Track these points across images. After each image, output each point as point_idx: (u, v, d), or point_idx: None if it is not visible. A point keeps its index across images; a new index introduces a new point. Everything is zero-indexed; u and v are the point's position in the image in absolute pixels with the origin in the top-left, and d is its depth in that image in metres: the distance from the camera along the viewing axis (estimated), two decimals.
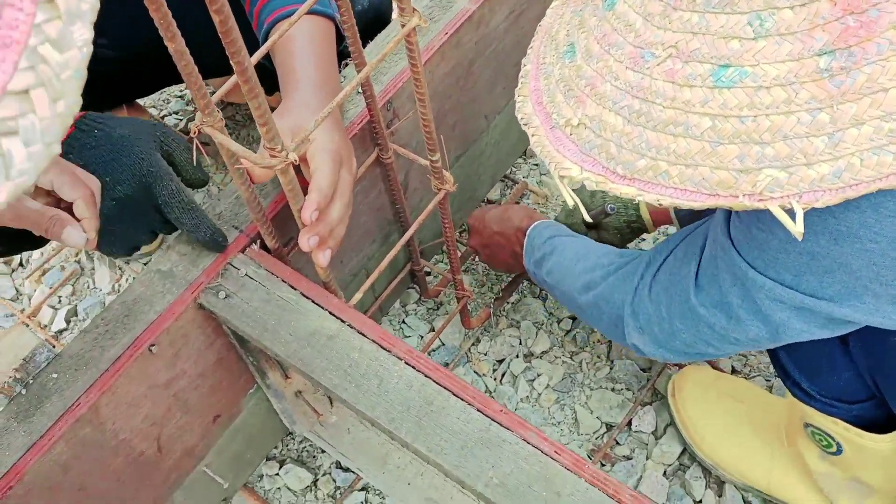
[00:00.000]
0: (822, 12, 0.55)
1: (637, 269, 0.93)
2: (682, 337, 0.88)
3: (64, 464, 0.88)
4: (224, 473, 1.14)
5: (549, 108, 0.70)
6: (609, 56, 0.65)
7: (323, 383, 0.86)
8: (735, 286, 0.79)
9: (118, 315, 0.92)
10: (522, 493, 0.78)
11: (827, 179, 0.57)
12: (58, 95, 0.37)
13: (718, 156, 0.59)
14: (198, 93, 0.72)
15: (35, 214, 0.81)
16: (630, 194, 0.63)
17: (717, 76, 0.59)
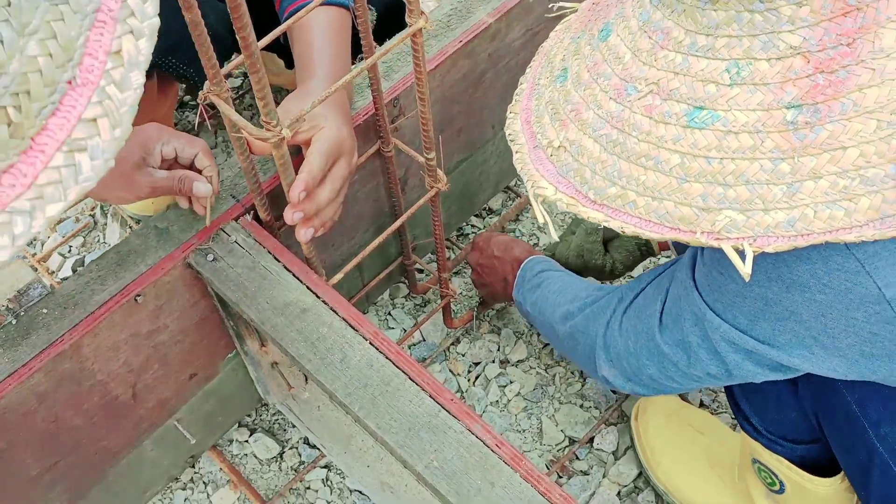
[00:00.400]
0: (795, 67, 0.59)
1: (610, 304, 0.97)
2: (648, 371, 0.92)
3: (41, 393, 0.93)
4: (194, 431, 1.19)
5: (536, 128, 0.74)
6: (596, 85, 0.68)
7: (290, 352, 0.91)
8: (696, 326, 0.83)
9: (111, 263, 0.98)
10: (459, 479, 0.82)
11: (781, 226, 0.60)
12: (117, 124, 0.48)
13: (684, 192, 0.62)
14: (208, 62, 0.77)
15: (167, 181, 0.95)
16: (597, 219, 0.67)
17: (690, 116, 0.62)
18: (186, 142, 0.97)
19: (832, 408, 0.88)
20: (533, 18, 1.23)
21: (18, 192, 0.44)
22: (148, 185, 0.95)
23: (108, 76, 0.49)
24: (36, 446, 0.98)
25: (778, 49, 0.59)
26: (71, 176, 0.46)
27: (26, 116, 0.44)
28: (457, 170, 1.35)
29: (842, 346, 0.72)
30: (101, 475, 1.11)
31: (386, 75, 1.11)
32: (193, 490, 1.29)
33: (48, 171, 0.45)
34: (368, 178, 1.17)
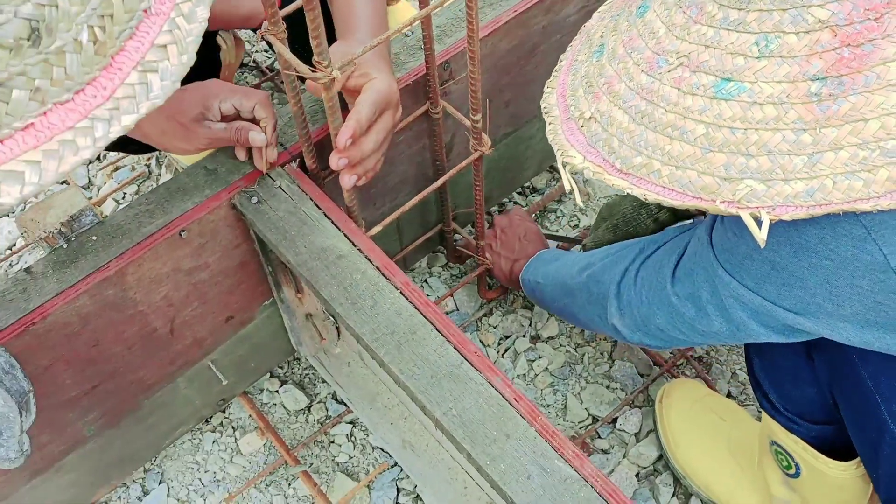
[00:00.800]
0: (822, 41, 0.60)
1: (631, 253, 0.99)
2: (656, 321, 0.94)
3: (84, 316, 0.97)
4: (226, 374, 1.22)
5: (570, 101, 0.76)
6: (629, 59, 0.70)
7: (323, 294, 0.93)
8: (706, 282, 0.85)
9: (160, 198, 1.01)
10: (475, 429, 0.84)
11: (800, 196, 0.61)
12: (183, 51, 0.54)
13: (707, 161, 0.64)
14: (267, 1, 0.80)
15: (224, 132, 1.00)
16: (622, 187, 0.69)
17: (717, 88, 0.64)
18: (243, 95, 1.00)
19: (846, 382, 0.89)
20: None
21: (99, 103, 0.49)
22: (206, 137, 1.00)
23: (178, 9, 0.55)
24: (76, 368, 1.02)
25: (806, 23, 0.60)
26: (143, 92, 0.51)
27: (109, 37, 0.50)
28: (502, 142, 1.36)
29: (846, 313, 0.73)
30: (136, 406, 1.15)
31: (439, 39, 1.13)
32: (222, 433, 1.33)
33: (124, 86, 0.50)
34: (415, 140, 1.19)
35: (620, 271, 0.98)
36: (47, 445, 1.07)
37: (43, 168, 0.47)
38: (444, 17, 1.16)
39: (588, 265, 1.06)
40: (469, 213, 1.45)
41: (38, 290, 0.95)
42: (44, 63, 0.46)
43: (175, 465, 1.29)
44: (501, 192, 1.50)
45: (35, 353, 0.95)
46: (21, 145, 0.46)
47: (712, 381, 1.34)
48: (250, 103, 1.00)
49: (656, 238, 0.97)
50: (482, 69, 1.16)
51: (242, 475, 1.29)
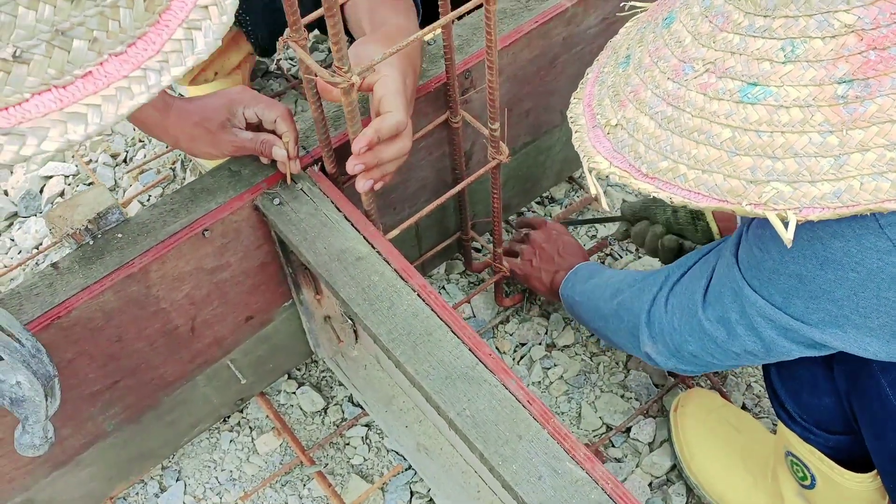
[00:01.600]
0: (848, 45, 0.61)
1: (657, 281, 1.00)
2: (689, 348, 0.95)
3: (108, 311, 1.00)
4: (245, 374, 1.24)
5: (597, 109, 0.78)
6: (655, 67, 0.72)
7: (342, 295, 0.95)
8: (735, 302, 0.85)
9: (185, 198, 1.04)
10: (488, 429, 0.85)
11: (827, 198, 0.62)
12: (223, 13, 0.58)
13: (733, 165, 0.65)
14: (289, 9, 0.82)
15: (250, 142, 1.03)
16: (647, 191, 0.70)
17: (744, 92, 0.65)
18: (266, 106, 1.03)
19: (866, 392, 0.89)
20: (610, 7, 1.25)
21: (150, 55, 0.54)
22: (231, 144, 1.03)
23: None
24: (99, 363, 1.04)
25: (833, 28, 0.61)
26: (189, 48, 0.55)
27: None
28: (522, 151, 1.38)
29: (873, 325, 0.73)
30: (156, 402, 1.17)
31: (460, 48, 1.15)
32: (239, 433, 1.34)
33: (171, 42, 0.55)
34: (434, 147, 1.21)
35: (649, 300, 0.99)
36: (68, 438, 1.09)
37: (103, 111, 0.52)
38: (464, 27, 1.18)
39: (618, 291, 1.07)
40: (487, 223, 1.47)
41: (64, 285, 0.97)
42: (100, 16, 0.51)
43: (192, 463, 1.31)
44: (520, 201, 1.51)
45: (59, 347, 0.98)
46: (82, 90, 0.51)
47: (727, 393, 1.34)
48: (272, 115, 1.02)
49: (681, 263, 0.99)
50: (503, 79, 1.18)
51: (258, 474, 1.30)
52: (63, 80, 0.50)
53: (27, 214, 1.66)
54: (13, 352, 0.81)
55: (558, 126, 1.40)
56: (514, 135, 1.32)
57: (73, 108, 0.51)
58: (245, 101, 1.02)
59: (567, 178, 1.59)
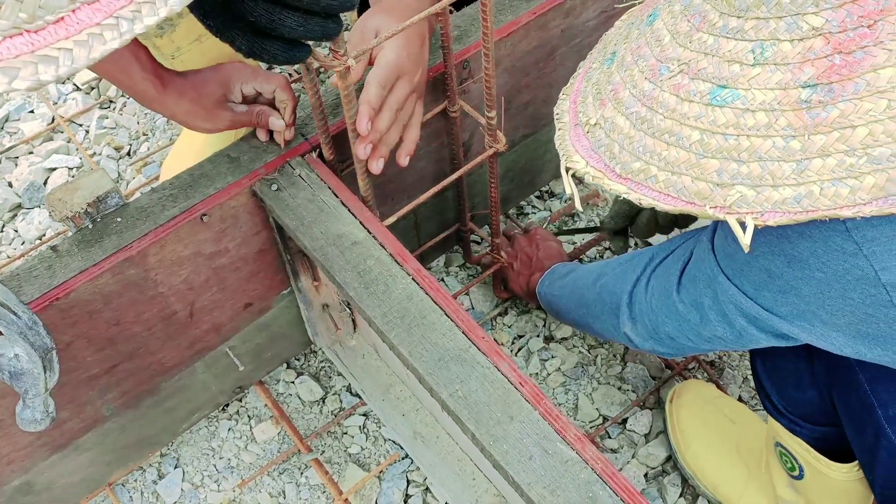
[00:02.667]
0: (815, 48, 0.61)
1: (641, 262, 1.01)
2: (665, 329, 0.95)
3: (106, 294, 1.01)
4: (244, 361, 1.25)
5: (580, 107, 0.78)
6: (635, 66, 0.72)
7: (337, 279, 0.96)
8: (708, 288, 0.86)
9: (184, 183, 1.05)
10: (480, 410, 0.85)
11: (788, 202, 0.62)
12: None
13: (701, 167, 0.66)
14: None
15: (245, 115, 1.04)
16: (619, 191, 0.70)
17: (713, 95, 0.65)
18: (264, 79, 1.04)
19: (844, 386, 0.89)
20: (608, 0, 1.26)
21: (123, 4, 0.54)
22: (228, 119, 1.04)
23: None
24: (97, 346, 1.05)
25: (801, 30, 0.61)
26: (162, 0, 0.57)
27: None
28: (521, 144, 1.38)
29: (840, 322, 0.74)
30: (155, 388, 1.18)
31: (458, 39, 1.16)
32: (238, 421, 1.35)
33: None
34: (433, 138, 1.21)
35: (632, 280, 1.00)
36: (67, 422, 1.10)
37: (75, 54, 0.52)
38: (463, 18, 1.19)
39: (601, 275, 1.08)
40: (486, 214, 1.47)
41: (62, 267, 0.98)
42: None
43: (191, 451, 1.32)
44: (519, 194, 1.52)
45: (58, 329, 0.99)
46: (53, 35, 0.52)
47: (724, 385, 1.34)
48: (270, 87, 1.04)
49: (665, 246, 0.99)
50: (501, 70, 1.19)
51: (256, 462, 1.31)
52: (35, 24, 0.51)
53: (31, 206, 1.67)
54: (10, 324, 0.82)
55: None
56: (514, 126, 1.33)
57: (45, 51, 0.51)
58: (243, 76, 1.03)
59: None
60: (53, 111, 1.80)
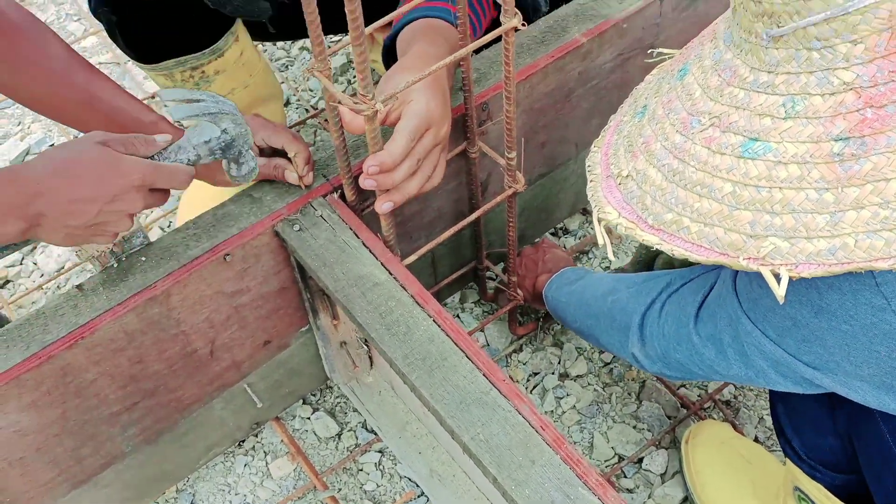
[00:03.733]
0: (846, 102, 0.62)
1: (658, 286, 1.01)
2: (676, 356, 0.96)
3: (130, 333, 1.02)
4: (261, 397, 1.26)
5: (612, 159, 0.80)
6: (667, 119, 0.74)
7: (359, 320, 0.97)
8: (729, 327, 0.87)
9: (207, 223, 1.06)
10: (501, 454, 0.86)
11: (823, 254, 0.63)
12: None
13: (734, 219, 0.67)
14: (315, 39, 0.85)
15: (264, 168, 1.06)
16: (652, 242, 0.72)
17: (745, 147, 0.67)
18: (272, 131, 1.06)
19: (865, 433, 0.90)
20: (626, 43, 1.28)
21: None
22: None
23: None
24: (120, 383, 1.06)
25: (832, 85, 0.63)
26: None
27: None
28: (537, 183, 1.40)
29: (864, 374, 0.74)
30: (173, 424, 1.19)
31: (478, 81, 1.18)
32: (254, 457, 1.36)
33: None
34: (452, 177, 1.23)
35: (646, 303, 1.01)
36: (87, 458, 1.11)
37: None
38: (482, 61, 1.21)
39: (613, 290, 1.09)
40: (502, 253, 1.49)
41: (88, 305, 1.00)
42: None
43: (207, 487, 1.33)
44: (534, 231, 1.53)
45: (82, 367, 1.00)
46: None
47: (740, 426, 1.34)
48: (279, 140, 1.06)
49: (684, 273, 1.00)
50: (519, 111, 1.21)
51: (272, 499, 1.31)
52: None
53: None
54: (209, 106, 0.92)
55: (573, 158, 1.42)
56: (530, 166, 1.34)
57: None
58: (255, 127, 1.05)
59: (581, 210, 1.61)
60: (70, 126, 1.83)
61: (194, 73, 1.34)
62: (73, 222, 0.87)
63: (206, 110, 0.95)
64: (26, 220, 0.85)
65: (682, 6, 1.31)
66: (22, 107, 1.92)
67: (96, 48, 2.05)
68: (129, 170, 0.88)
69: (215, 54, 1.34)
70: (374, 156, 0.93)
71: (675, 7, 1.30)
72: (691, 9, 1.33)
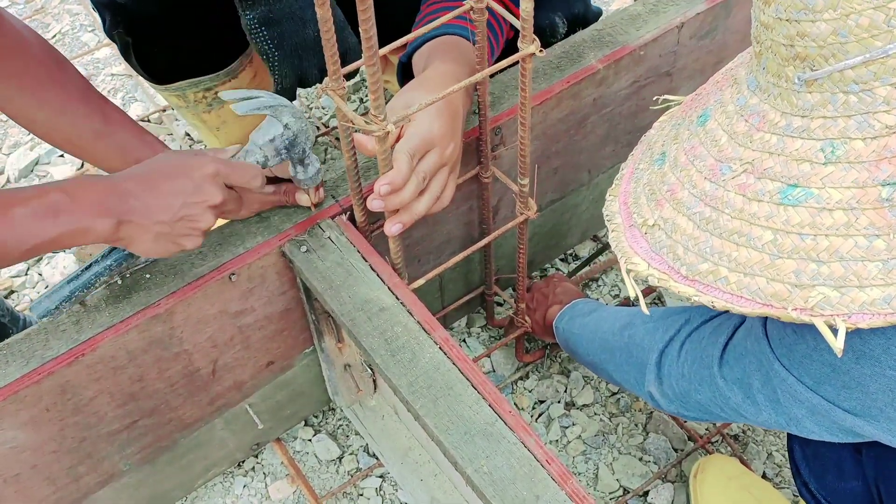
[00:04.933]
0: (890, 146, 0.60)
1: (676, 323, 0.98)
2: (697, 397, 0.93)
3: (131, 351, 1.00)
4: (262, 418, 1.24)
5: (633, 208, 0.78)
6: (692, 166, 0.72)
7: (364, 345, 0.95)
8: (759, 372, 0.83)
9: (213, 242, 1.05)
10: (505, 487, 0.84)
11: (877, 304, 0.60)
12: None
13: (776, 268, 0.64)
14: (331, 59, 0.84)
15: (274, 195, 1.06)
16: (688, 294, 0.69)
17: (784, 194, 0.64)
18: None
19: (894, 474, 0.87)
20: (641, 70, 1.26)
21: None
22: (258, 201, 1.05)
23: None
24: (119, 402, 1.04)
25: (873, 129, 0.60)
26: None
27: None
28: (548, 208, 1.38)
29: None
30: (173, 444, 1.17)
31: (491, 105, 1.16)
32: (253, 478, 1.34)
33: None
34: (463, 201, 1.21)
35: (664, 340, 0.97)
36: (84, 477, 1.09)
37: None
38: (496, 85, 1.19)
39: (629, 324, 1.05)
40: (511, 278, 1.47)
41: (90, 322, 0.98)
42: None
43: None
44: (544, 257, 1.51)
45: (82, 384, 0.98)
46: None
47: (748, 461, 1.32)
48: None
49: (703, 310, 0.97)
50: (533, 136, 1.20)
51: None
52: None
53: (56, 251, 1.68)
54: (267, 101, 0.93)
55: (585, 185, 1.41)
56: (542, 191, 1.33)
57: None
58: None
59: (592, 237, 1.59)
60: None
61: (207, 94, 1.33)
62: (161, 217, 0.90)
63: (266, 104, 0.96)
64: (116, 217, 0.88)
65: (700, 35, 1.30)
66: None
67: (109, 59, 2.06)
68: (203, 161, 0.93)
69: (229, 76, 1.33)
70: (385, 175, 0.91)
71: (693, 35, 1.29)
72: (708, 38, 1.32)
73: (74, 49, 2.10)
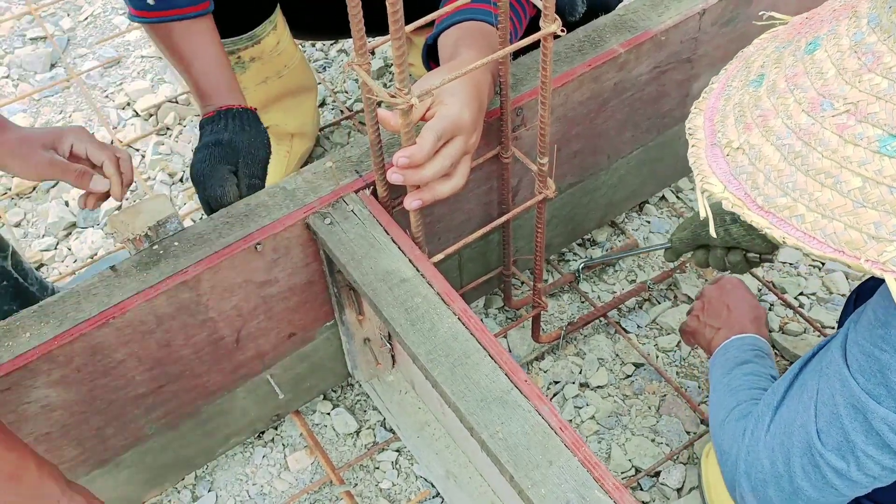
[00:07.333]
0: None
1: (747, 425, 0.92)
2: (804, 494, 0.85)
3: (159, 316, 1.03)
4: (283, 389, 1.27)
5: (718, 126, 0.74)
6: (791, 95, 0.67)
7: (384, 314, 0.98)
8: (856, 420, 0.78)
9: (240, 213, 1.08)
10: (519, 453, 0.86)
11: None
12: None
13: (857, 216, 0.61)
14: (357, 34, 0.86)
15: (63, 164, 1.09)
16: (760, 225, 0.66)
17: (883, 142, 0.61)
18: (97, 147, 1.11)
19: None
20: (663, 56, 1.28)
21: None
22: (46, 162, 1.10)
23: None
24: (147, 366, 1.08)
25: None
26: None
27: None
28: (567, 192, 1.40)
29: None
30: (196, 410, 1.20)
31: (513, 86, 1.19)
32: (272, 448, 1.37)
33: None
34: (483, 181, 1.24)
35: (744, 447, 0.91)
36: (111, 438, 1.13)
37: None
38: (518, 67, 1.22)
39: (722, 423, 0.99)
40: (529, 259, 1.49)
41: (120, 287, 1.02)
42: None
43: (225, 475, 1.34)
44: (562, 241, 1.54)
45: (112, 347, 1.02)
46: None
47: None
48: (100, 156, 1.10)
49: (768, 398, 0.91)
50: (553, 118, 1.22)
51: (288, 491, 1.32)
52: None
53: (85, 226, 1.72)
54: None
55: (604, 169, 1.43)
56: (561, 174, 1.35)
57: None
58: (81, 136, 1.10)
59: (610, 222, 1.61)
60: (112, 135, 1.86)
61: (230, 58, 1.36)
62: None
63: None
64: None
65: (722, 22, 1.31)
66: (64, 95, 1.96)
67: (140, 42, 2.09)
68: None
69: (252, 41, 1.35)
70: (406, 148, 0.93)
71: (715, 22, 1.30)
72: (730, 25, 1.33)
73: (106, 31, 2.14)
